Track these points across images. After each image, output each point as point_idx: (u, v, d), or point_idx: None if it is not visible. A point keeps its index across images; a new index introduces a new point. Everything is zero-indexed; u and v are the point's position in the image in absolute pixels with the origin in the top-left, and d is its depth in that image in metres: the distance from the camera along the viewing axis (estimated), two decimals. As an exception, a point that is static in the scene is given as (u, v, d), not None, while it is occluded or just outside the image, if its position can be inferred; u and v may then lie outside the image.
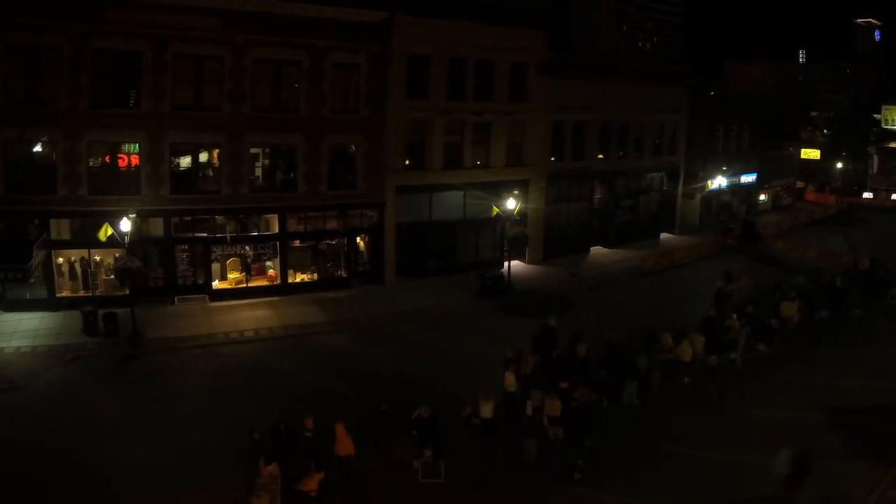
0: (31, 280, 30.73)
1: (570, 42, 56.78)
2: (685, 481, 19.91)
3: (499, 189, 40.27)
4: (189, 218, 34.41)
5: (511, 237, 39.08)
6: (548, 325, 27.23)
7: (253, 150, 35.21)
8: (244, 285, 35.89)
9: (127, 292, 30.41)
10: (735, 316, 30.34)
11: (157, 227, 33.66)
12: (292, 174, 36.26)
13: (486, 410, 21.39)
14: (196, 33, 32.50)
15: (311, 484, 17.98)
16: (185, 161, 34.45)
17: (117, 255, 30.90)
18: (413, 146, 39.62)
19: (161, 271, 34.33)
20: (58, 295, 32.65)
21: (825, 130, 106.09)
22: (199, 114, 33.39)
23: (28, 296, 32.00)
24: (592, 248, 48.78)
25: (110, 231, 29.88)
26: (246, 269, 36.06)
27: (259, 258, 36.62)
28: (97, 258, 33.25)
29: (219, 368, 27.68)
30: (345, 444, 19.03)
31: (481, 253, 42.97)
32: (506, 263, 39.70)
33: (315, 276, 37.65)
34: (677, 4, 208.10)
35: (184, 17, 31.95)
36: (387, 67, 37.46)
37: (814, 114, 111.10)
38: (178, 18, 31.87)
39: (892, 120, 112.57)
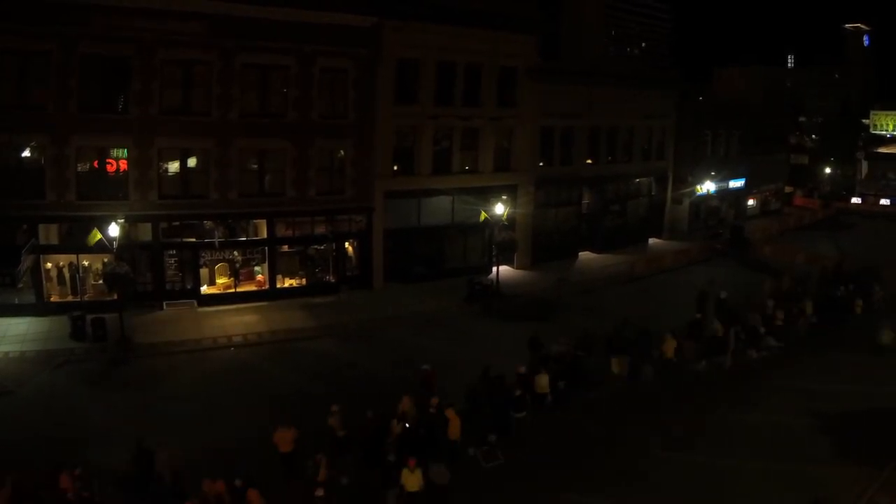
0: (20, 285, 30.84)
1: (559, 47, 57.08)
2: (673, 486, 20.16)
3: (487, 194, 40.47)
4: (178, 223, 34.43)
5: (499, 242, 39.19)
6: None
7: (241, 155, 35.22)
8: (232, 290, 35.94)
9: (115, 297, 30.51)
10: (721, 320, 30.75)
11: (145, 232, 33.69)
12: (281, 179, 36.30)
13: None
14: (184, 38, 32.60)
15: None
16: (174, 166, 34.49)
17: (106, 260, 30.96)
18: (401, 151, 39.73)
19: (149, 276, 34.33)
20: (46, 300, 32.60)
21: (814, 135, 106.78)
22: (188, 119, 33.46)
23: (16, 301, 31.95)
24: (581, 254, 48.98)
25: (99, 236, 29.90)
26: (234, 274, 36.10)
27: (247, 263, 36.63)
28: (86, 263, 33.25)
29: (207, 373, 27.73)
30: (455, 429, 21.01)
31: (469, 258, 43.13)
32: (494, 268, 39.84)
33: (303, 281, 37.69)
34: (666, 10, 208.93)
35: (172, 22, 32.06)
36: (375, 72, 37.61)
37: (802, 119, 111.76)
38: (165, 24, 31.97)
39: (881, 125, 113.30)
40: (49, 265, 32.86)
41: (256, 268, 36.82)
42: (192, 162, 34.92)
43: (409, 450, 19.39)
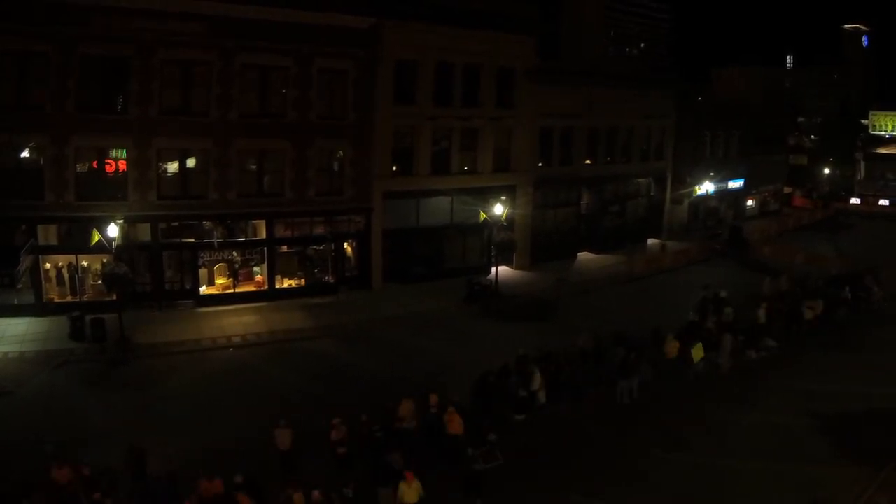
0: (19, 285, 30.81)
1: (558, 48, 57.13)
2: (673, 486, 20.16)
3: (486, 195, 40.43)
4: (176, 223, 34.39)
5: (498, 243, 39.17)
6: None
7: (240, 156, 35.20)
8: (231, 291, 35.89)
9: (114, 298, 30.45)
10: (716, 319, 30.80)
11: (144, 232, 33.64)
12: (280, 180, 36.28)
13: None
14: (184, 38, 32.55)
15: None
16: (173, 166, 34.46)
17: (105, 260, 30.91)
18: (400, 152, 39.65)
19: (148, 277, 34.28)
20: (45, 300, 32.58)
21: (812, 136, 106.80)
22: (187, 119, 33.42)
23: (15, 301, 31.93)
24: (580, 254, 48.92)
25: (98, 237, 29.89)
26: (233, 274, 36.06)
27: (246, 264, 36.59)
28: (85, 264, 33.24)
29: (206, 374, 27.69)
30: (455, 424, 20.93)
31: (468, 258, 43.11)
32: (493, 269, 39.82)
33: (302, 281, 37.66)
34: (665, 10, 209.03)
35: (172, 22, 32.02)
36: (374, 73, 37.59)
37: (801, 119, 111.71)
38: (165, 24, 31.94)
39: (880, 125, 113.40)
40: (48, 265, 32.83)
41: (255, 268, 36.78)
42: (191, 162, 34.89)
43: (409, 452, 19.37)
